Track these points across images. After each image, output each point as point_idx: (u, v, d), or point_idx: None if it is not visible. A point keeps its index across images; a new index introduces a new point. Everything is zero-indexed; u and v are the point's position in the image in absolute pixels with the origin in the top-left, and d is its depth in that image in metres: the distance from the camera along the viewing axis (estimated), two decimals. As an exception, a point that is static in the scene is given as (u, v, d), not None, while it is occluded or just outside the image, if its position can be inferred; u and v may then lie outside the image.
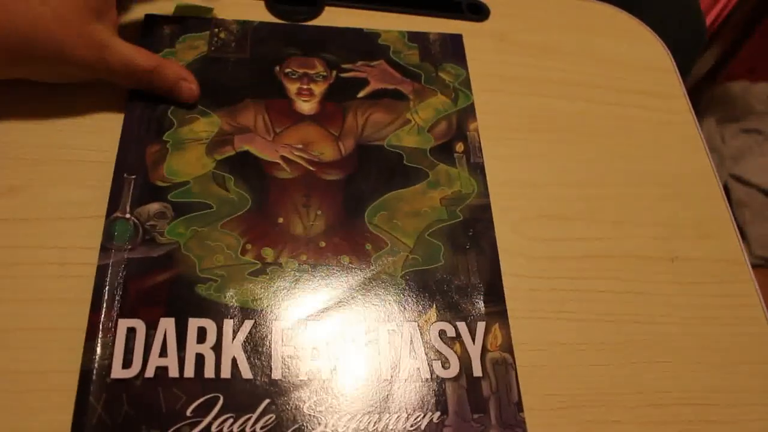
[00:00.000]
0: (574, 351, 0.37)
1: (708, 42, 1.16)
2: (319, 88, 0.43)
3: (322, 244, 0.37)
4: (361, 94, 0.44)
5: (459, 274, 0.37)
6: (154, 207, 0.37)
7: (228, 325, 0.34)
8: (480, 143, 0.43)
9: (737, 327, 0.39)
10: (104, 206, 0.36)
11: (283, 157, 0.40)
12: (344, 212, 0.38)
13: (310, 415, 0.32)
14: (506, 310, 0.37)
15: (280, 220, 0.38)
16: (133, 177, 0.37)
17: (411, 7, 0.49)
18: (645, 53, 0.51)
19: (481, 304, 0.37)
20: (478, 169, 0.42)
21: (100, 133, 0.39)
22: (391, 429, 0.32)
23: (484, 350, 0.35)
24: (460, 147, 0.42)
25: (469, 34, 0.48)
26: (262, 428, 0.31)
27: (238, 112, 0.41)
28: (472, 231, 0.39)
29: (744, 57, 1.27)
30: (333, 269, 0.37)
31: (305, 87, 0.43)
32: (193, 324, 0.34)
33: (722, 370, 0.38)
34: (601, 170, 0.44)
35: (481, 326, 0.36)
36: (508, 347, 0.36)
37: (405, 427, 0.33)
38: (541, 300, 0.38)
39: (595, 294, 0.39)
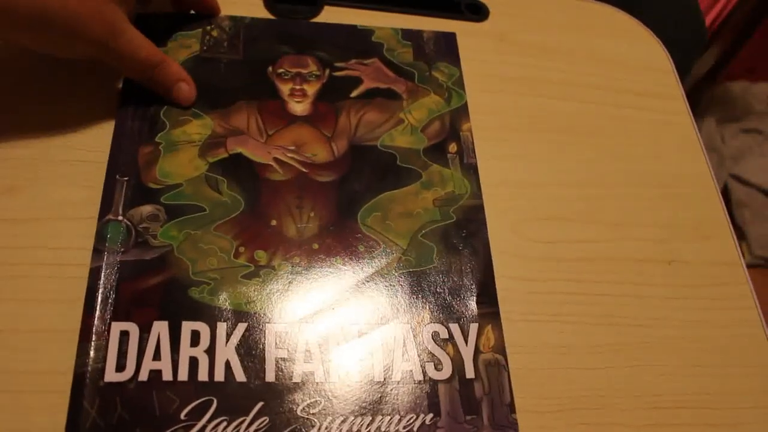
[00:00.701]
0: (570, 353, 0.37)
1: (708, 42, 1.16)
2: (312, 88, 0.43)
3: (315, 246, 0.37)
4: (354, 94, 0.43)
5: (452, 275, 0.37)
6: (147, 209, 0.36)
7: (221, 328, 0.34)
8: (473, 144, 0.43)
9: (734, 329, 0.39)
10: (98, 207, 0.36)
11: (276, 159, 0.40)
12: (337, 214, 0.38)
13: (303, 417, 0.32)
14: (499, 312, 0.37)
15: (273, 222, 0.37)
16: (126, 179, 0.37)
17: (411, 7, 0.48)
18: (644, 54, 0.51)
19: (473, 306, 0.36)
20: (471, 170, 0.41)
21: (95, 134, 0.39)
22: (384, 431, 0.32)
23: (477, 352, 0.35)
24: (453, 147, 0.42)
25: (469, 34, 0.48)
26: (255, 431, 0.31)
27: (230, 115, 0.41)
28: (465, 232, 0.39)
29: (744, 57, 1.27)
30: (326, 271, 0.36)
31: (298, 87, 0.43)
32: (187, 327, 0.33)
33: (719, 372, 0.38)
34: (600, 171, 0.44)
35: (473, 328, 0.36)
36: (500, 349, 0.35)
37: (398, 429, 0.33)
38: (537, 302, 0.38)
39: (592, 297, 0.39)
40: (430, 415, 0.33)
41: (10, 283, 0.34)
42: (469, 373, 0.34)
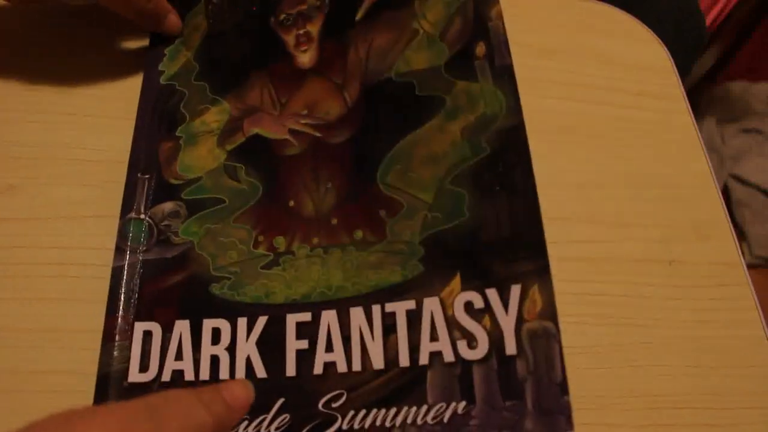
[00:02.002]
0: (569, 354, 0.36)
1: (708, 42, 1.16)
2: (315, 27, 0.40)
3: (334, 221, 0.34)
4: (359, 15, 0.39)
5: (486, 226, 0.31)
6: (168, 206, 0.36)
7: (242, 323, 0.32)
8: (506, 37, 0.36)
9: (734, 329, 0.39)
10: (118, 205, 0.36)
11: (291, 131, 0.37)
12: (355, 178, 0.35)
13: (324, 412, 0.30)
14: (548, 266, 0.31)
15: (291, 203, 0.35)
16: (147, 176, 0.36)
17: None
18: (644, 54, 0.51)
19: (515, 262, 0.31)
20: (504, 75, 0.34)
21: (113, 132, 0.39)
22: (410, 423, 0.29)
23: (520, 321, 0.29)
24: (480, 49, 0.36)
25: (468, 34, 0.48)
26: (276, 429, 0.30)
27: (245, 93, 0.39)
28: (502, 165, 0.33)
29: (744, 57, 1.27)
30: (346, 248, 0.33)
31: (302, 32, 0.39)
32: (208, 325, 0.32)
33: (719, 372, 0.38)
34: (600, 171, 0.44)
35: (515, 290, 0.30)
36: (550, 314, 0.30)
37: (425, 421, 0.29)
38: (538, 302, 0.38)
39: (592, 297, 0.39)
40: (463, 403, 0.29)
41: (31, 282, 0.34)
42: (510, 349, 0.29)
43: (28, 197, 0.36)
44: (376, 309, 0.31)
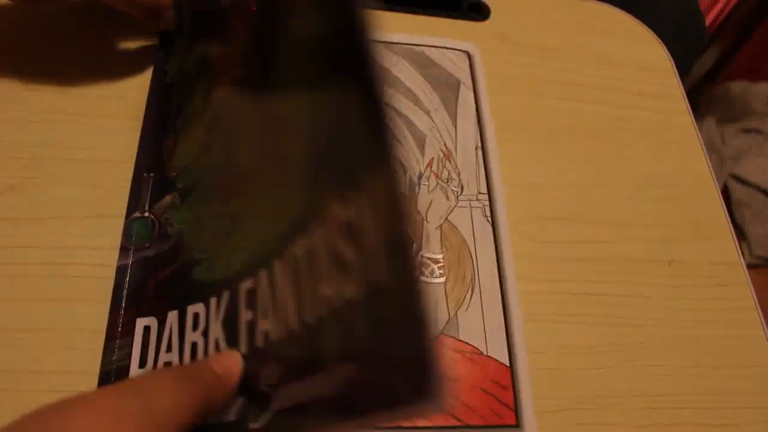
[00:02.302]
0: (570, 354, 0.37)
1: (708, 42, 1.16)
2: None
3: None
4: None
5: (340, 124, 0.23)
6: (167, 200, 0.36)
7: (213, 304, 0.31)
8: None
9: (734, 329, 0.39)
10: (119, 205, 0.36)
11: (232, 81, 0.34)
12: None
13: (263, 392, 0.26)
14: (393, 155, 0.20)
15: (242, 160, 0.33)
16: (152, 175, 0.37)
17: (411, 7, 0.48)
18: (644, 53, 0.51)
19: (367, 153, 0.21)
20: None
21: (114, 132, 0.39)
22: (320, 395, 0.23)
23: (390, 239, 0.20)
24: None
25: (470, 34, 0.48)
26: (236, 415, 0.27)
27: (213, 62, 0.38)
28: (339, 47, 0.23)
29: (744, 57, 1.27)
30: (274, 193, 0.29)
31: None
32: (190, 312, 0.32)
33: (719, 372, 0.38)
34: (600, 171, 0.44)
35: (375, 194, 0.20)
36: (402, 219, 0.19)
37: (328, 391, 0.23)
38: (537, 302, 0.38)
39: (592, 297, 0.39)
40: (349, 362, 0.22)
41: (31, 282, 0.34)
42: (379, 277, 0.20)
43: (28, 197, 0.36)
44: (291, 258, 0.25)
